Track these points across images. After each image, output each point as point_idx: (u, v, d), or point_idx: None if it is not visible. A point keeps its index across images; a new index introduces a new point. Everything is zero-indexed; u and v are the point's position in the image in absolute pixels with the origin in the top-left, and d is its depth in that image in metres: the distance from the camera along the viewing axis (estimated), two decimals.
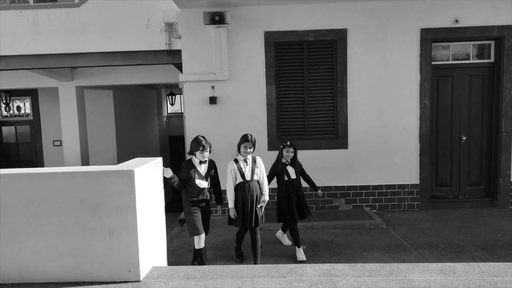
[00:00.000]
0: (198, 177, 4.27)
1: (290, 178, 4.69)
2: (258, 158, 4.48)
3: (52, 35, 7.03)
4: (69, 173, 3.32)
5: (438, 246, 4.96)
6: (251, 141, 4.32)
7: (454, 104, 6.73)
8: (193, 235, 4.30)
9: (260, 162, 4.46)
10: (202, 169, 4.31)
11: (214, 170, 4.41)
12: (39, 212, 3.31)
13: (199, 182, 4.25)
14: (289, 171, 4.70)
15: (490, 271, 3.23)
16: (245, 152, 4.32)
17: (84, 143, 9.45)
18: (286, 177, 4.67)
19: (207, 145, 4.21)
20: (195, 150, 4.18)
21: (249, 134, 4.34)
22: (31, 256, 3.36)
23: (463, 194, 6.81)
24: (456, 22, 6.37)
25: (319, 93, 6.61)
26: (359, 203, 6.65)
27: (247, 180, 4.33)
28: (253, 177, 4.36)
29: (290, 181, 4.67)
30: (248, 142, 4.32)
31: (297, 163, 4.75)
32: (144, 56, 7.16)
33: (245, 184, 4.33)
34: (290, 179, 4.68)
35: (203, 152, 4.20)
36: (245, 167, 4.35)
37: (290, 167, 4.71)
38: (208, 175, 4.33)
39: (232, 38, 6.48)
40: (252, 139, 4.33)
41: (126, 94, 11.55)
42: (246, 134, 4.35)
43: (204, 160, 4.29)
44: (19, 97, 11.09)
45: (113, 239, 3.30)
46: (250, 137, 4.33)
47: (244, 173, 4.34)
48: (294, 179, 4.71)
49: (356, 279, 3.19)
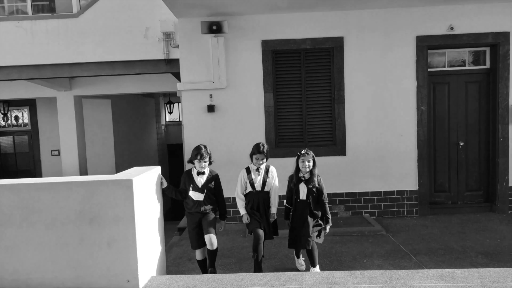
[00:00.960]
0: (193, 188, 4.02)
1: (299, 198, 4.05)
2: (271, 168, 4.19)
3: (51, 46, 7.07)
4: (67, 183, 3.32)
5: (438, 252, 4.95)
6: (263, 152, 4.05)
7: (451, 110, 6.77)
8: (192, 248, 4.22)
9: (273, 172, 4.17)
10: (199, 180, 4.05)
11: (214, 183, 4.08)
12: (37, 223, 3.30)
13: (193, 193, 4.01)
14: (300, 189, 4.02)
15: (490, 277, 3.23)
16: (257, 163, 4.10)
17: (82, 152, 9.46)
18: (295, 196, 4.07)
19: (206, 155, 3.96)
20: (194, 158, 3.98)
21: (261, 144, 4.08)
22: (29, 268, 3.34)
23: (462, 200, 6.81)
24: (451, 29, 6.43)
25: (316, 100, 6.64)
26: (358, 210, 6.65)
27: (257, 190, 4.10)
28: (264, 188, 4.10)
29: (298, 202, 4.06)
30: (261, 154, 4.06)
31: (313, 180, 3.96)
32: (142, 65, 7.20)
33: (255, 195, 4.12)
34: (299, 199, 4.05)
35: (201, 162, 3.96)
36: (256, 177, 4.12)
37: (303, 185, 4.01)
38: (206, 187, 4.04)
39: (229, 47, 6.52)
40: (264, 150, 4.05)
41: (124, 103, 11.59)
42: (258, 144, 4.08)
43: (202, 171, 4.04)
44: (17, 107, 11.11)
45: (111, 249, 3.29)
46: (262, 148, 4.05)
47: (254, 184, 4.11)
48: (303, 201, 4.03)
49: (356, 286, 3.18)
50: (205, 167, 4.01)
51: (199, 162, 3.97)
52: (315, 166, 3.98)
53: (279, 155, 6.36)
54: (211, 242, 3.96)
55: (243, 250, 5.24)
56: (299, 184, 3.99)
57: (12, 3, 7.80)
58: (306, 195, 4.00)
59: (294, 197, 4.05)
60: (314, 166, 3.96)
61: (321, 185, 4.05)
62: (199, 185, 4.01)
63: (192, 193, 4.01)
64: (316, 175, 3.98)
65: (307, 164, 3.94)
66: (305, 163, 3.95)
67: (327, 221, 4.07)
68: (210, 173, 4.10)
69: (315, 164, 3.97)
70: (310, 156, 3.96)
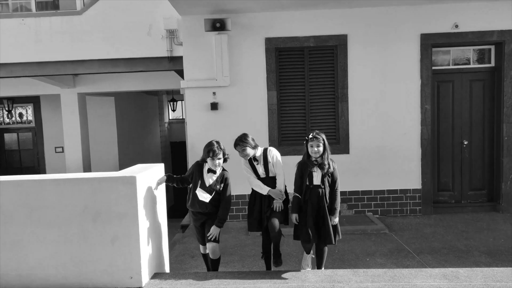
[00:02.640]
0: (201, 186, 3.66)
1: (312, 183, 3.59)
2: (269, 151, 3.82)
3: (54, 43, 7.08)
4: (71, 180, 3.33)
5: (441, 251, 4.93)
6: (240, 145, 3.74)
7: (455, 109, 6.73)
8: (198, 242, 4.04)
9: (271, 156, 3.79)
10: (208, 179, 3.68)
11: (224, 184, 3.71)
12: (41, 220, 3.32)
13: (200, 192, 3.66)
14: (314, 175, 3.59)
15: (493, 276, 3.21)
16: (243, 156, 3.80)
17: (86, 149, 9.48)
18: (308, 181, 3.60)
19: (219, 151, 3.59)
20: (206, 156, 3.62)
21: (238, 137, 3.77)
22: (33, 264, 3.36)
23: (466, 199, 6.78)
24: (456, 27, 6.39)
25: (320, 98, 6.63)
26: (361, 208, 6.63)
27: (262, 177, 3.78)
28: (268, 174, 3.79)
29: (311, 188, 3.59)
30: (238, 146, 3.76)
31: (327, 165, 3.55)
32: (146, 62, 7.20)
33: (262, 182, 3.80)
34: (312, 185, 3.59)
35: (214, 159, 3.58)
36: (256, 165, 3.82)
37: (317, 169, 3.58)
38: (213, 189, 3.66)
39: (233, 45, 6.51)
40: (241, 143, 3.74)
41: (128, 100, 11.60)
42: (237, 137, 3.77)
43: (214, 170, 3.66)
44: (21, 104, 11.16)
45: (115, 246, 3.30)
46: (239, 140, 3.76)
47: (257, 170, 3.80)
48: (318, 186, 3.57)
49: (359, 284, 3.17)
50: (220, 165, 3.64)
51: (212, 160, 3.59)
52: (327, 150, 3.55)
53: (282, 153, 6.25)
54: (213, 252, 3.74)
55: (246, 248, 5.25)
56: (313, 168, 3.56)
57: (16, 0, 7.81)
58: (320, 180, 3.57)
59: (306, 184, 3.59)
60: (325, 150, 3.54)
61: (336, 172, 3.64)
62: (206, 184, 3.66)
63: (199, 191, 3.65)
64: (327, 159, 3.56)
65: (316, 150, 3.52)
66: (313, 148, 3.53)
67: (333, 213, 3.59)
68: (221, 174, 3.72)
69: (326, 148, 3.55)
70: (320, 140, 3.53)
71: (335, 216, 3.61)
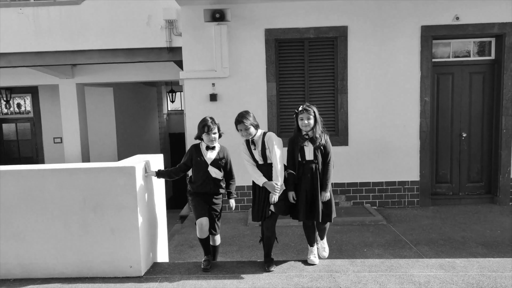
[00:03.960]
0: (211, 163, 3.57)
1: (305, 158, 3.42)
2: (268, 136, 3.47)
3: (53, 32, 7.04)
4: (71, 170, 3.34)
5: (438, 242, 4.98)
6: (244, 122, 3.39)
7: (455, 101, 6.73)
8: (195, 219, 3.58)
9: (270, 141, 3.44)
10: (209, 156, 3.57)
11: (225, 159, 3.62)
12: (42, 210, 3.33)
13: (211, 169, 3.56)
14: (305, 149, 3.42)
15: (489, 267, 3.25)
16: (244, 135, 3.47)
17: (85, 140, 9.47)
18: (300, 157, 3.43)
19: (214, 126, 3.51)
20: (201, 133, 3.53)
21: (241, 113, 3.49)
22: (33, 253, 3.39)
23: (463, 191, 6.82)
24: (456, 19, 6.37)
25: (319, 90, 6.62)
26: (359, 200, 6.66)
27: (259, 164, 3.48)
28: (266, 161, 3.45)
29: (303, 164, 3.42)
30: (241, 124, 3.40)
31: (318, 138, 3.36)
32: (145, 53, 7.17)
33: (259, 168, 3.49)
34: (305, 160, 3.42)
35: (210, 134, 3.49)
36: (253, 150, 3.52)
37: (308, 143, 3.40)
38: (219, 164, 3.58)
39: (232, 36, 6.48)
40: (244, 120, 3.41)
41: (127, 91, 11.56)
42: (239, 113, 3.49)
43: (212, 146, 3.57)
44: (19, 94, 11.10)
45: (115, 236, 3.32)
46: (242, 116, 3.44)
47: (255, 156, 3.50)
48: (311, 161, 3.40)
49: (357, 274, 3.21)
50: (215, 140, 3.56)
51: (208, 135, 3.51)
52: (318, 123, 3.37)
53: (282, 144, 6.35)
54: (214, 240, 3.67)
55: (245, 238, 5.28)
56: (304, 142, 3.39)
57: None
58: (313, 155, 3.40)
59: (299, 160, 3.42)
60: (316, 123, 3.36)
61: (328, 145, 3.44)
62: (208, 162, 3.55)
63: (211, 168, 3.54)
64: (319, 132, 3.37)
65: (306, 123, 3.34)
66: (304, 121, 3.35)
67: (324, 188, 3.39)
68: (221, 149, 3.66)
69: (317, 121, 3.37)
70: (311, 112, 3.34)
71: (326, 191, 3.39)
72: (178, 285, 3.12)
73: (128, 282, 3.22)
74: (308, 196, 3.39)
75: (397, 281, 3.04)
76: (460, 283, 2.98)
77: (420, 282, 3.02)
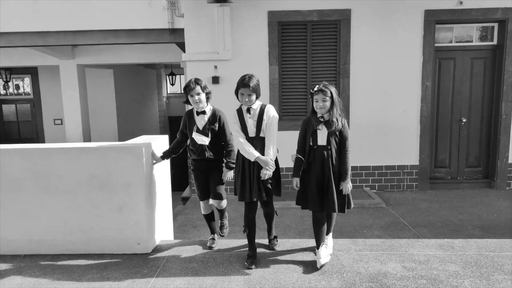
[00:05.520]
0: (196, 130, 3.32)
1: (317, 143, 3.08)
2: (268, 108, 3.18)
3: (54, 12, 6.96)
4: (79, 149, 3.38)
5: (436, 224, 5.09)
6: (249, 86, 3.08)
7: (455, 87, 6.77)
8: (198, 199, 3.54)
9: (269, 112, 3.15)
10: (200, 121, 3.32)
11: (218, 124, 3.33)
12: (50, 188, 3.39)
13: (196, 136, 3.31)
14: (318, 133, 3.07)
15: (487, 247, 3.35)
16: (244, 101, 3.17)
17: (86, 121, 9.48)
18: (312, 141, 3.10)
19: (195, 85, 3.22)
20: (186, 96, 3.31)
21: (247, 76, 3.14)
22: (42, 230, 3.46)
23: (462, 176, 6.92)
24: (460, 3, 6.35)
25: (322, 74, 6.63)
26: (359, 183, 6.76)
27: (250, 136, 3.15)
28: (259, 133, 3.14)
29: (314, 149, 3.09)
30: (245, 88, 3.10)
31: (335, 122, 3.02)
32: (147, 34, 7.12)
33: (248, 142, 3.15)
34: (316, 145, 3.08)
35: (193, 96, 3.23)
36: (247, 120, 3.18)
37: (323, 127, 3.06)
38: (209, 129, 3.30)
39: (235, 17, 6.44)
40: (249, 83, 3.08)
41: (126, 73, 11.51)
42: (244, 76, 3.16)
43: (202, 110, 3.31)
44: (19, 75, 11.03)
45: (122, 214, 3.39)
46: (248, 80, 3.10)
47: (247, 127, 3.17)
48: (323, 147, 3.06)
49: (358, 253, 3.30)
50: (202, 101, 3.27)
51: (192, 98, 3.24)
52: (335, 105, 3.01)
53: (283, 128, 6.38)
54: (219, 205, 3.49)
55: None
56: (318, 126, 3.05)
57: None
58: (326, 140, 3.06)
59: (310, 144, 3.10)
60: (333, 105, 3.00)
61: (346, 130, 3.11)
62: (200, 127, 3.32)
63: (196, 135, 3.30)
64: (336, 115, 3.03)
65: (322, 105, 2.99)
66: (319, 103, 3.01)
67: (344, 177, 3.11)
68: (213, 112, 3.37)
69: (334, 103, 3.01)
70: (327, 93, 2.98)
71: (347, 182, 3.12)
72: (185, 261, 3.21)
73: (136, 259, 3.30)
74: (319, 184, 3.07)
75: (398, 260, 3.14)
76: (459, 261, 3.08)
77: (420, 260, 3.11)
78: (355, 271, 2.96)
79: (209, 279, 2.92)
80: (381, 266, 3.04)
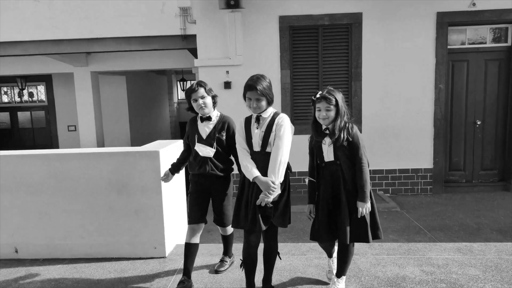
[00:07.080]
0: (198, 140, 2.85)
1: (323, 160, 2.61)
2: (280, 117, 2.61)
3: (68, 21, 7.10)
4: (97, 154, 3.44)
5: (453, 228, 5.02)
6: (255, 88, 2.51)
7: (469, 89, 6.70)
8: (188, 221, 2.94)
9: (281, 122, 2.57)
10: (204, 129, 2.86)
11: (226, 133, 2.85)
12: (68, 192, 3.45)
13: (199, 147, 2.81)
14: (323, 148, 2.60)
15: (506, 250, 3.30)
16: (251, 108, 2.60)
17: (100, 128, 9.61)
18: (318, 158, 2.66)
19: (198, 87, 2.81)
20: (188, 101, 2.90)
21: (255, 77, 2.61)
22: (60, 234, 3.51)
23: (477, 179, 6.83)
24: (473, 5, 6.29)
25: (333, 77, 6.62)
26: (372, 187, 6.58)
27: (255, 151, 2.58)
28: (265, 148, 2.54)
29: (323, 167, 2.63)
30: (252, 91, 2.53)
31: (337, 133, 2.52)
32: (159, 41, 7.21)
33: (252, 157, 2.59)
34: (324, 163, 2.62)
35: (197, 99, 2.79)
36: (254, 129, 2.61)
37: (327, 140, 2.58)
38: (214, 138, 2.82)
39: (247, 23, 6.49)
40: (256, 86, 2.51)
41: (138, 79, 11.66)
42: (252, 77, 2.62)
43: (206, 116, 2.85)
44: (34, 82, 11.25)
45: (139, 218, 3.43)
46: (256, 80, 2.55)
47: (252, 139, 2.59)
48: (331, 163, 2.59)
49: (375, 257, 3.28)
50: (208, 106, 2.83)
51: (196, 102, 2.81)
52: (340, 114, 2.53)
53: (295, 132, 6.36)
54: (224, 231, 3.14)
55: None
56: (323, 139, 2.58)
57: None
58: (333, 155, 2.56)
59: (317, 162, 2.64)
60: (338, 115, 2.53)
61: (356, 139, 2.57)
62: (203, 136, 2.84)
63: (198, 147, 2.81)
64: (340, 125, 2.53)
65: (324, 115, 2.53)
66: (321, 112, 2.53)
67: (361, 196, 2.54)
68: (220, 119, 2.90)
69: (339, 112, 2.53)
70: (331, 100, 2.52)
71: (364, 201, 2.54)
72: (202, 265, 3.22)
73: (153, 263, 3.33)
74: (331, 209, 2.59)
75: (416, 263, 3.11)
76: (478, 265, 3.03)
77: (439, 264, 3.08)
78: (373, 275, 2.94)
79: (225, 283, 2.92)
80: (399, 270, 3.01)
